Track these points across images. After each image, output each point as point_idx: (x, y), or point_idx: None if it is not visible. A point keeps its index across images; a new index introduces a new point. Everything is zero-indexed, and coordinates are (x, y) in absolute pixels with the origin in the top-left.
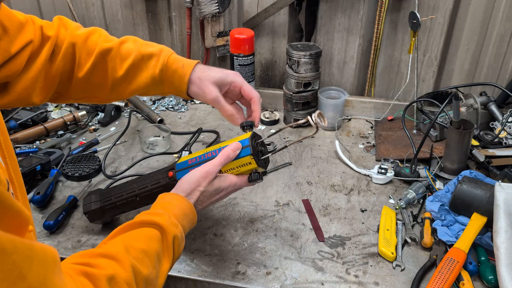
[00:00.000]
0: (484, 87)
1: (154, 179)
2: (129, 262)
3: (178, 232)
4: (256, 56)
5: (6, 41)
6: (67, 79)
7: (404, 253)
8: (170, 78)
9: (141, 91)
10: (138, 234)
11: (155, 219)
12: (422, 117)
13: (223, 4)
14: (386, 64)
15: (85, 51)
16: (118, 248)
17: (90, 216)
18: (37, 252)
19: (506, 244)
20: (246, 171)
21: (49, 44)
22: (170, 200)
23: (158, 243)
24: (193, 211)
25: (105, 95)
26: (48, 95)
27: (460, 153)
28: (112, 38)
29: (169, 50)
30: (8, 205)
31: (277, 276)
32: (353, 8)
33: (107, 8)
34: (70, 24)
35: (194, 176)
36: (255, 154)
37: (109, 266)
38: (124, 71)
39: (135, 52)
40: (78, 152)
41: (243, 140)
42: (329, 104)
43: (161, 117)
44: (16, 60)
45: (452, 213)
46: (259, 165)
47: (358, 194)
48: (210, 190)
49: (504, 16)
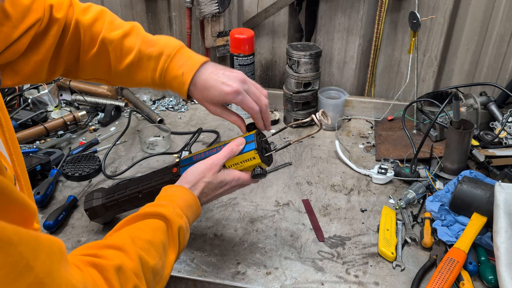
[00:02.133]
0: (484, 87)
1: (158, 175)
2: (136, 253)
3: (183, 223)
4: (256, 56)
5: (9, 26)
6: (75, 59)
7: (404, 253)
8: (169, 84)
9: (144, 87)
10: (144, 225)
11: (160, 210)
12: (422, 117)
13: (223, 4)
14: (386, 64)
15: (89, 37)
16: (124, 239)
17: (90, 213)
18: (43, 243)
19: (506, 244)
20: (249, 166)
21: (56, 27)
22: (174, 192)
23: (163, 234)
24: (196, 202)
25: (111, 80)
26: (58, 72)
27: (460, 153)
28: (117, 25)
29: (170, 51)
30: (14, 198)
31: (277, 276)
32: (353, 8)
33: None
34: (78, 5)
35: (199, 168)
36: (259, 149)
37: (116, 257)
38: (124, 66)
39: (136, 50)
40: (78, 152)
41: (247, 136)
42: (329, 104)
43: (161, 117)
44: (19, 43)
45: (452, 213)
46: (262, 160)
47: (358, 194)
48: (215, 182)
49: (504, 16)
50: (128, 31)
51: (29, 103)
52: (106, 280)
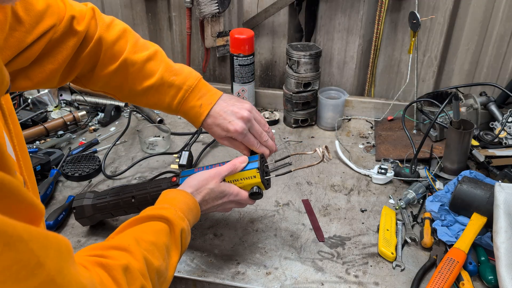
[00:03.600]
0: (484, 87)
1: (155, 183)
2: (141, 254)
3: (184, 225)
4: (256, 56)
5: (21, 31)
6: (89, 70)
7: (404, 253)
8: (185, 112)
9: (154, 109)
10: (147, 227)
11: (163, 213)
12: (422, 117)
13: (223, 4)
14: (386, 64)
15: (110, 54)
16: (129, 240)
17: (77, 212)
18: (52, 241)
19: (506, 244)
20: (248, 184)
21: (76, 39)
22: (175, 196)
23: (166, 236)
24: (197, 206)
25: (121, 97)
26: (68, 80)
27: (460, 153)
28: (141, 46)
29: (192, 83)
30: (24, 198)
31: (277, 276)
32: (353, 8)
33: (107, 8)
34: (101, 19)
35: (203, 174)
36: (261, 169)
37: (122, 257)
38: (142, 88)
39: (158, 76)
40: (78, 152)
41: (251, 157)
42: (329, 104)
43: (161, 117)
44: (32, 49)
45: (452, 213)
46: (262, 181)
47: (358, 194)
48: (217, 191)
49: (504, 16)
50: (151, 55)
51: (29, 103)
52: (113, 280)
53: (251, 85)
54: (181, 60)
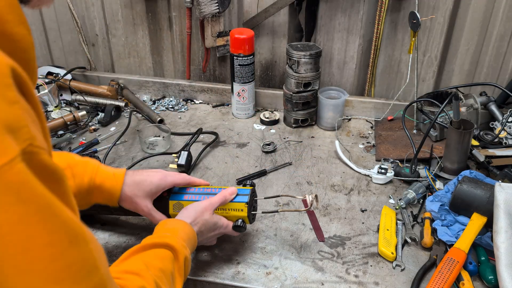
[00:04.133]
0: (484, 87)
1: None
2: (152, 279)
3: (187, 254)
4: (256, 56)
5: None
6: None
7: (404, 253)
8: (99, 186)
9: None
10: (154, 254)
11: (167, 241)
12: (422, 117)
13: (223, 4)
14: (386, 64)
15: None
16: (139, 265)
17: None
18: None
19: (506, 244)
20: (233, 216)
21: None
22: (174, 225)
23: (171, 264)
24: (195, 236)
25: None
26: None
27: (460, 153)
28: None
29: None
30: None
31: (277, 276)
32: (353, 8)
33: (107, 8)
34: None
35: (199, 205)
36: (249, 204)
37: (136, 280)
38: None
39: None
40: (78, 152)
41: (242, 189)
42: (329, 104)
43: (161, 117)
44: None
45: (452, 213)
46: (248, 215)
47: (358, 194)
48: (210, 223)
49: (504, 16)
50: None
51: None
52: None
53: (251, 85)
54: (181, 60)
